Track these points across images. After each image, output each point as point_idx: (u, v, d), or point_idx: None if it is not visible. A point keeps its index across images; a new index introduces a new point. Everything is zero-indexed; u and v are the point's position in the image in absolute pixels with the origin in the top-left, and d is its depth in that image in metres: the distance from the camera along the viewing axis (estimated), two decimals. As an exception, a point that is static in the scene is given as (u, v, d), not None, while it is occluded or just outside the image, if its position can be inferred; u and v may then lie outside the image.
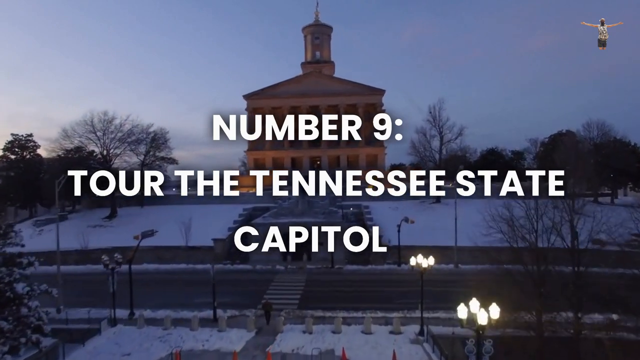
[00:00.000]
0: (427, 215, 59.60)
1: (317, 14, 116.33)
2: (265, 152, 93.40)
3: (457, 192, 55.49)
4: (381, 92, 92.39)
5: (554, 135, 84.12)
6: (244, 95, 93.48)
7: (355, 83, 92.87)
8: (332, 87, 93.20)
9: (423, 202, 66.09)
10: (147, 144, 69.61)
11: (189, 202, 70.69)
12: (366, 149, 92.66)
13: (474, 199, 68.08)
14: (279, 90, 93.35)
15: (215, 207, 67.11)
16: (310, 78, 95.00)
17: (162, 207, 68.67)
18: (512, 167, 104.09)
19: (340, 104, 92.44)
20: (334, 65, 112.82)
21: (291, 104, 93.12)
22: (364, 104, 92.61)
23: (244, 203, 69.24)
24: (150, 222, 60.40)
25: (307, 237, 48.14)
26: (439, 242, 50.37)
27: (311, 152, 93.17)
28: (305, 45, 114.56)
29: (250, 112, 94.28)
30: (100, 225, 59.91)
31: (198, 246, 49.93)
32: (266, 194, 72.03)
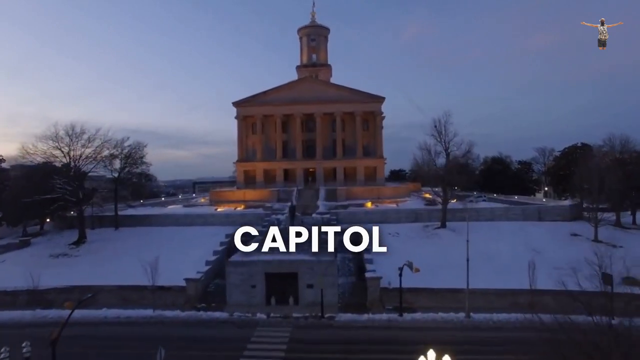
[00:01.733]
0: (432, 245, 52.23)
1: (313, 15, 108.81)
2: (256, 164, 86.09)
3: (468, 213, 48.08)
4: (381, 99, 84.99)
5: (569, 149, 76.67)
6: (233, 103, 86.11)
7: (353, 90, 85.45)
8: (327, 93, 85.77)
9: (427, 226, 58.66)
10: (121, 159, 62.11)
11: (169, 223, 63.26)
12: (364, 161, 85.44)
13: (483, 222, 60.83)
14: (271, 97, 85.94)
15: (197, 230, 59.74)
16: (305, 84, 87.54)
17: (138, 230, 61.23)
18: (520, 178, 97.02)
19: (337, 112, 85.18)
20: (330, 68, 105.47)
21: (284, 112, 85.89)
22: (362, 112, 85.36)
23: (229, 224, 61.78)
24: (122, 250, 53.20)
25: (294, 277, 40.78)
26: (446, 282, 43.08)
27: (305, 163, 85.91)
28: (301, 47, 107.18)
29: (240, 121, 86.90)
30: (65, 254, 52.49)
31: (169, 286, 42.56)
32: (254, 214, 64.50)
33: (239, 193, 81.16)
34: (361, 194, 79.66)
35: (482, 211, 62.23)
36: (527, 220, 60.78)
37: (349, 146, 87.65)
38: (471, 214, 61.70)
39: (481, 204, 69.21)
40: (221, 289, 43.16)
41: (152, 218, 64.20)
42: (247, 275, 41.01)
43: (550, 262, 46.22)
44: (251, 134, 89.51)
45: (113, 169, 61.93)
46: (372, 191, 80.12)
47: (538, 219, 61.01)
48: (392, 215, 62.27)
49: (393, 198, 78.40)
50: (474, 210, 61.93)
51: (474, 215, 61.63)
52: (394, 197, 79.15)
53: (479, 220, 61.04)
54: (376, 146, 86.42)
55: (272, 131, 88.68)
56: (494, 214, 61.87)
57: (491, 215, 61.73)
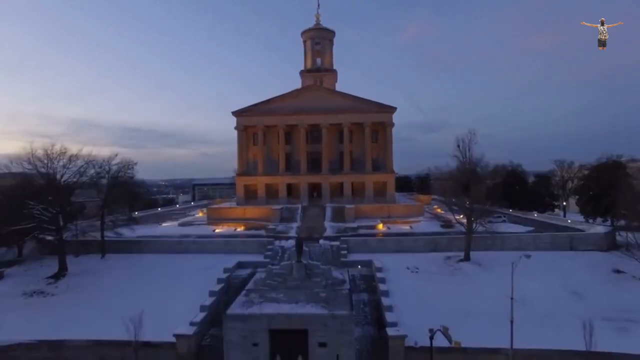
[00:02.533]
0: (458, 284, 45.72)
1: (318, 17, 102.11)
2: (257, 178, 79.53)
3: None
4: (392, 109, 78.48)
5: (599, 165, 69.85)
6: (233, 112, 79.49)
7: (362, 99, 78.85)
8: (335, 102, 79.19)
9: (448, 258, 52.20)
10: (108, 179, 55.50)
11: (161, 250, 56.82)
12: (373, 176, 78.95)
13: (509, 251, 54.37)
14: (274, 106, 79.33)
15: (192, 261, 53.28)
16: (310, 92, 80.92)
17: (127, 258, 54.77)
18: (537, 192, 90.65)
19: (344, 123, 78.66)
20: (336, 74, 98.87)
21: (287, 122, 79.33)
22: (371, 123, 78.71)
23: (228, 252, 55.35)
24: (106, 287, 46.70)
25: (303, 334, 34.35)
26: (479, 334, 36.66)
27: (310, 178, 79.42)
28: (305, 51, 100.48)
29: (240, 131, 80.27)
30: (40, 292, 45.91)
31: (156, 343, 36.09)
32: (255, 241, 57.88)
33: (238, 210, 74.66)
34: (370, 212, 73.22)
35: (507, 239, 55.86)
36: (558, 249, 54.46)
37: (357, 159, 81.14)
38: (495, 241, 55.63)
39: (503, 226, 62.69)
40: (218, 343, 36.65)
41: (142, 244, 57.62)
42: (248, 331, 34.52)
43: (598, 310, 39.91)
44: (252, 145, 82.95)
45: (99, 192, 55.23)
46: (382, 209, 73.68)
47: (570, 248, 54.71)
48: (409, 243, 55.79)
49: (405, 217, 71.96)
50: (499, 237, 55.58)
51: (499, 243, 55.65)
52: (406, 216, 72.72)
53: (504, 249, 54.82)
54: (386, 159, 79.91)
55: (274, 142, 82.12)
56: (520, 242, 55.48)
57: (518, 243, 55.34)
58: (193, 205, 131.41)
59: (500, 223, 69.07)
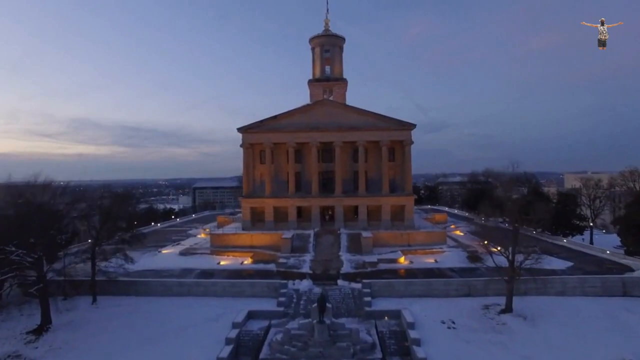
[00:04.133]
0: (502, 346, 38.79)
1: (327, 23, 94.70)
2: (265, 200, 72.46)
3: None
4: (411, 126, 71.57)
5: None
6: (238, 129, 72.46)
7: (379, 115, 71.93)
8: (349, 119, 72.20)
9: (487, 307, 45.28)
10: (101, 214, 48.46)
11: (160, 292, 49.94)
12: (391, 198, 72.01)
13: (552, 297, 47.68)
14: (283, 123, 72.29)
15: (195, 306, 46.59)
16: (322, 107, 73.86)
17: (121, 302, 47.93)
18: (562, 213, 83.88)
19: (360, 141, 71.71)
20: (346, 83, 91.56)
21: (297, 140, 72.33)
22: (389, 142, 71.65)
23: (235, 296, 48.59)
24: (96, 349, 39.67)
25: None
26: None
27: (322, 200, 72.49)
28: (314, 58, 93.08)
29: (246, 149, 73.20)
30: (16, 356, 38.78)
31: None
32: (266, 283, 50.78)
33: (245, 237, 67.68)
34: (388, 239, 66.36)
35: (550, 282, 48.97)
36: (609, 294, 47.75)
37: (373, 180, 74.19)
38: (535, 284, 48.72)
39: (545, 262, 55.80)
40: None
41: (139, 285, 50.62)
42: None
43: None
44: (259, 164, 75.87)
45: (91, 227, 48.20)
46: (401, 237, 66.82)
47: (623, 294, 47.99)
48: (439, 287, 48.98)
49: (427, 246, 65.15)
50: (540, 280, 48.61)
51: (541, 287, 48.75)
52: (428, 244, 65.88)
53: (546, 294, 48.14)
54: (404, 181, 72.98)
55: (283, 161, 75.10)
56: (565, 286, 48.77)
57: (562, 287, 48.64)
58: (194, 219, 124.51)
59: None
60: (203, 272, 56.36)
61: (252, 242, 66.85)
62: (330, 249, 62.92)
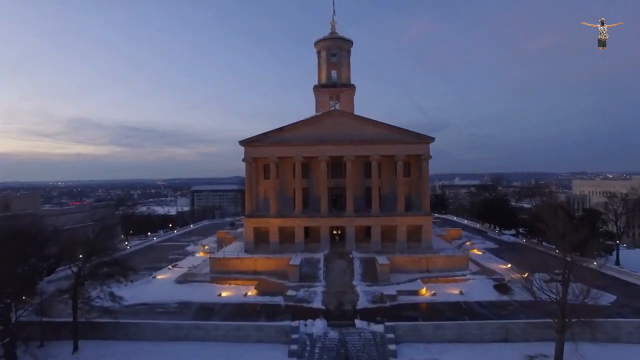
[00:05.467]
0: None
1: (333, 25, 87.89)
2: (269, 220, 65.77)
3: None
4: (429, 139, 65.03)
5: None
6: (240, 142, 65.77)
7: (394, 127, 65.45)
8: (361, 131, 65.57)
9: (531, 358, 38.77)
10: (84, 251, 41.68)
11: (153, 337, 43.15)
12: (406, 218, 65.43)
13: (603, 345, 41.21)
14: (289, 135, 65.66)
15: (194, 354, 39.77)
16: (332, 118, 67.26)
17: (108, 349, 41.20)
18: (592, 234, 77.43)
19: (373, 156, 64.96)
20: (354, 89, 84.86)
21: (305, 153, 65.74)
22: (404, 156, 65.02)
23: (239, 341, 41.92)
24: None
25: None
26: None
27: (332, 220, 66.01)
28: (319, 63, 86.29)
29: (248, 164, 66.50)
30: None
31: None
32: (274, 326, 43.99)
33: (248, 261, 61.06)
34: (405, 265, 59.92)
35: (601, 325, 42.25)
36: None
37: (387, 197, 67.67)
38: (606, 330, 41.86)
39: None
40: None
41: (128, 328, 43.81)
42: None
43: None
44: (263, 179, 69.15)
45: (72, 262, 41.45)
46: (420, 262, 60.38)
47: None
48: (472, 331, 42.51)
49: (448, 272, 58.85)
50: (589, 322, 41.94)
51: (587, 331, 41.94)
52: (449, 269, 59.54)
53: (596, 341, 41.22)
54: (421, 199, 66.43)
55: (289, 176, 68.43)
56: (619, 332, 42.67)
57: (615, 332, 42.53)
58: (192, 230, 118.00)
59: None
60: (202, 307, 49.81)
61: (256, 268, 60.27)
62: (343, 277, 56.41)
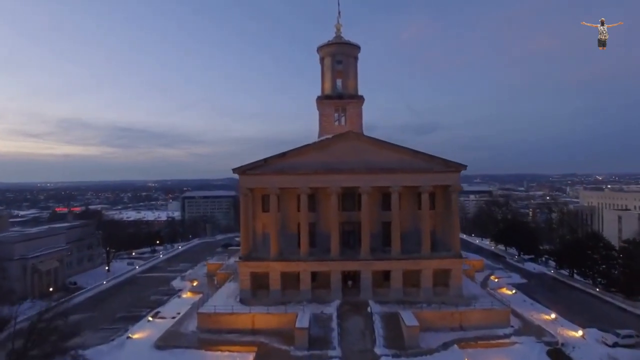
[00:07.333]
0: None
1: (338, 28, 76.23)
2: (270, 264, 54.30)
3: None
4: (460, 167, 54.12)
5: None
6: (234, 169, 54.33)
7: (421, 153, 54.47)
8: (380, 157, 54.35)
9: None
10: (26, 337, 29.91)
11: None
12: (433, 261, 54.36)
13: None
14: (293, 162, 54.18)
15: None
16: (345, 142, 55.88)
17: None
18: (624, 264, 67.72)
19: (393, 187, 53.69)
20: (362, 101, 73.44)
21: (312, 184, 54.36)
22: (431, 187, 53.95)
23: None
24: None
25: None
26: None
27: (344, 264, 54.80)
28: (323, 70, 74.59)
29: (244, 195, 54.95)
30: None
31: None
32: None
33: (244, 318, 49.55)
34: (433, 321, 48.88)
35: None
36: None
37: (408, 234, 56.58)
38: None
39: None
40: None
41: None
42: None
43: None
44: (261, 212, 57.59)
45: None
46: (451, 317, 49.49)
47: None
48: None
49: (486, 330, 47.97)
50: None
51: None
52: (487, 326, 48.70)
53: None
54: (450, 237, 55.55)
55: (292, 210, 57.07)
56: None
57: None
58: (180, 253, 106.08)
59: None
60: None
61: (254, 325, 48.79)
62: (362, 341, 45.24)
